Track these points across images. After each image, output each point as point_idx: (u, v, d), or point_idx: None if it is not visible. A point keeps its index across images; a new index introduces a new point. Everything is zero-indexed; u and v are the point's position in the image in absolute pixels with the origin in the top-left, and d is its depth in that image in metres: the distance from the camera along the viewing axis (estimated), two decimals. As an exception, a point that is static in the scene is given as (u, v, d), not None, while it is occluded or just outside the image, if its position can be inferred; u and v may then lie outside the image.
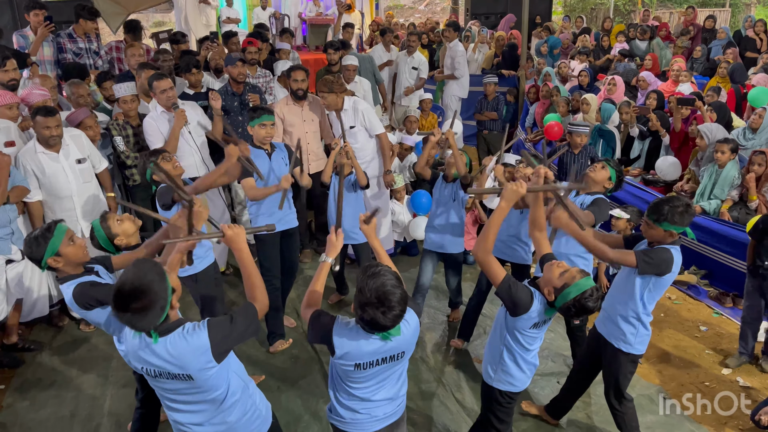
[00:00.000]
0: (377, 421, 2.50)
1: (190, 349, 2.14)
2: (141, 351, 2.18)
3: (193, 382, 2.21)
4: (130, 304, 2.03)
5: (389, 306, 2.15)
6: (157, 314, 2.09)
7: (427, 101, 7.73)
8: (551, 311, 2.66)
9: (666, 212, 2.88)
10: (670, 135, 6.44)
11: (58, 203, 4.40)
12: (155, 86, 4.71)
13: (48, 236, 2.69)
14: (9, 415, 3.81)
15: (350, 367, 2.34)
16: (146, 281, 2.05)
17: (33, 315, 4.60)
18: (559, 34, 11.48)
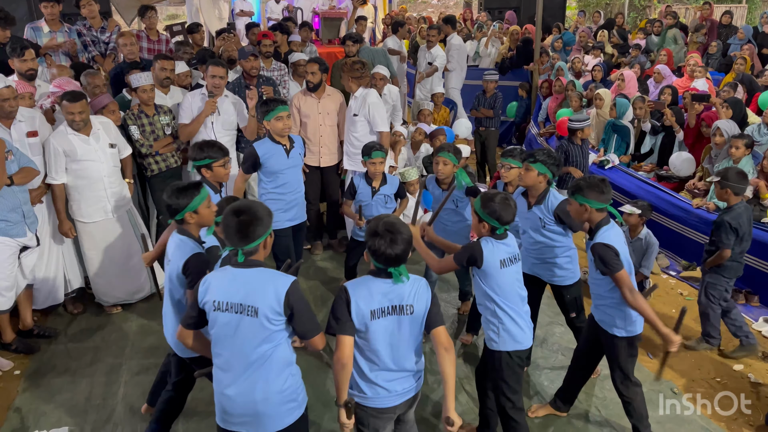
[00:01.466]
0: (397, 395, 2.60)
1: (270, 287, 2.37)
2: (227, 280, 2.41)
3: (256, 320, 2.36)
4: (241, 214, 2.37)
5: (394, 239, 2.40)
6: (258, 232, 2.39)
7: (438, 95, 7.72)
8: (500, 229, 2.93)
9: (578, 185, 3.08)
10: (684, 131, 6.40)
11: (89, 187, 4.46)
12: (210, 70, 4.92)
13: (195, 192, 2.87)
14: (24, 400, 3.87)
15: (366, 318, 2.45)
16: (258, 206, 2.43)
17: (48, 302, 4.68)
18: (574, 30, 11.41)
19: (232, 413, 2.51)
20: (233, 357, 2.45)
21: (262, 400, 2.46)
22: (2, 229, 3.98)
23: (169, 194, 2.87)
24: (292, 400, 2.54)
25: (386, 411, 2.61)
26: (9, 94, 4.06)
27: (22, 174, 4.02)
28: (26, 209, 4.12)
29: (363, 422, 2.65)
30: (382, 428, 2.66)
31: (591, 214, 3.10)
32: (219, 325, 2.44)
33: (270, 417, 2.51)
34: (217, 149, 3.61)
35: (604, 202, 3.09)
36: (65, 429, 3.61)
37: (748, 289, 5.11)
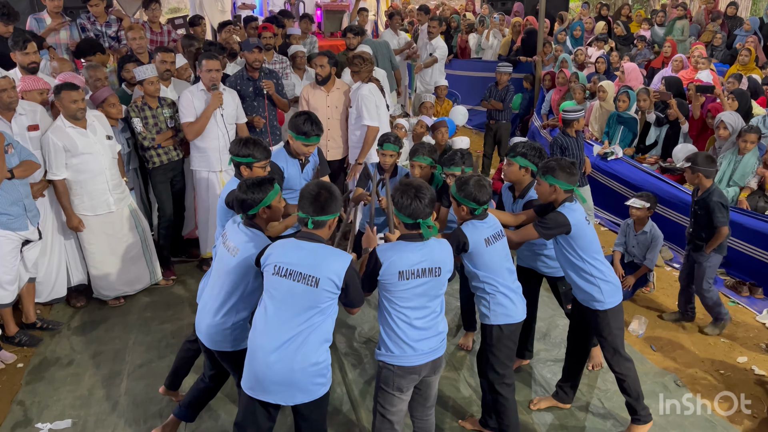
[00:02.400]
0: (423, 354, 2.73)
1: (334, 262, 2.55)
2: (291, 248, 2.58)
3: (315, 290, 2.52)
4: (323, 189, 2.60)
5: (422, 196, 2.64)
6: (331, 208, 2.60)
7: (442, 87, 7.68)
8: (478, 210, 3.02)
9: (550, 166, 3.16)
10: (689, 122, 6.36)
11: (90, 180, 4.46)
12: (204, 64, 4.83)
13: (270, 187, 2.90)
14: (28, 393, 3.88)
15: (394, 278, 2.64)
16: (336, 189, 2.64)
17: (51, 296, 4.69)
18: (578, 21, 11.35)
19: (264, 380, 2.58)
20: (283, 322, 2.56)
21: (299, 369, 2.55)
22: (3, 222, 3.97)
23: (245, 189, 2.86)
24: (323, 375, 2.64)
25: (412, 370, 2.73)
26: (6, 85, 4.05)
27: (23, 167, 4.01)
28: (28, 203, 4.11)
29: (387, 382, 2.75)
30: (405, 388, 2.78)
31: (558, 194, 3.19)
32: (275, 288, 2.56)
33: (301, 388, 2.59)
34: (262, 149, 3.46)
35: (572, 184, 3.18)
36: (68, 421, 3.62)
37: (752, 281, 5.09)
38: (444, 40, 10.50)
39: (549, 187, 3.18)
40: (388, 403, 2.81)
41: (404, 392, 2.79)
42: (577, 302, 3.45)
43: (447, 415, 3.68)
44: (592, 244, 3.24)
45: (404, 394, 2.80)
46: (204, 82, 4.89)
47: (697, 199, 4.36)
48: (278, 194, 2.97)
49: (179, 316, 4.73)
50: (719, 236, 4.27)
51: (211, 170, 5.02)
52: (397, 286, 2.66)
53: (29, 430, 3.56)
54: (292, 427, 3.02)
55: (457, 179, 3.09)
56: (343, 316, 4.57)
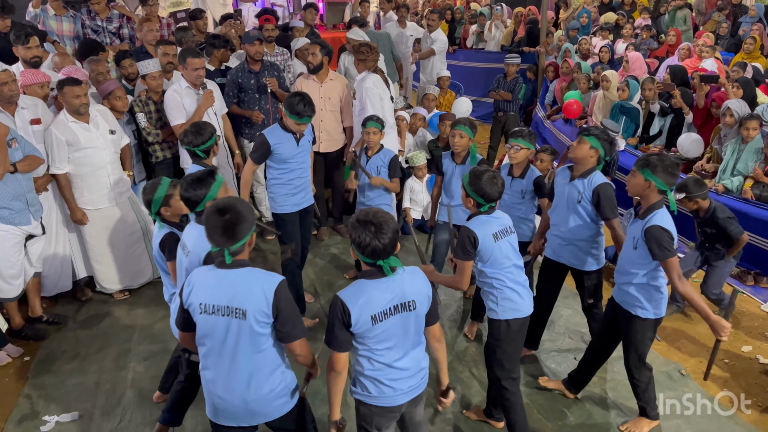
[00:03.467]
0: (402, 394, 2.52)
1: (258, 288, 2.31)
2: (213, 282, 2.33)
3: (244, 322, 2.31)
4: (225, 214, 2.28)
5: (380, 228, 2.26)
6: (243, 231, 2.30)
7: (444, 79, 7.67)
8: (485, 206, 2.98)
9: (651, 160, 3.00)
10: (693, 112, 6.33)
11: (92, 174, 4.47)
12: (189, 62, 4.79)
13: (212, 180, 2.79)
14: (35, 386, 3.90)
15: (368, 324, 2.34)
16: (240, 204, 2.33)
17: (56, 290, 4.71)
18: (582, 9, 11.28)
19: (223, 410, 2.48)
20: (222, 360, 2.39)
21: (254, 400, 2.44)
22: (6, 217, 3.98)
23: (186, 187, 2.78)
24: (283, 395, 2.52)
25: (392, 410, 2.56)
26: (7, 78, 4.05)
27: (26, 162, 4.01)
28: (30, 197, 4.12)
29: (366, 420, 2.59)
30: (385, 427, 2.60)
31: (651, 192, 3.03)
32: (206, 327, 2.36)
33: (262, 414, 2.50)
34: (207, 131, 3.64)
35: (669, 186, 3.01)
36: (75, 414, 3.64)
37: (756, 270, 5.07)
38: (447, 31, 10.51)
39: (644, 181, 3.01)
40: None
41: (384, 430, 2.61)
42: (614, 304, 3.37)
43: (452, 405, 3.69)
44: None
45: (386, 430, 2.62)
46: (191, 81, 4.84)
47: (702, 221, 4.36)
48: (222, 185, 2.85)
49: (184, 309, 4.74)
50: (740, 244, 4.33)
51: None
52: (372, 331, 2.37)
53: (36, 422, 3.58)
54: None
55: (471, 170, 3.01)
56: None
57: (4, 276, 4.14)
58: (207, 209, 2.37)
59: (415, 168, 5.93)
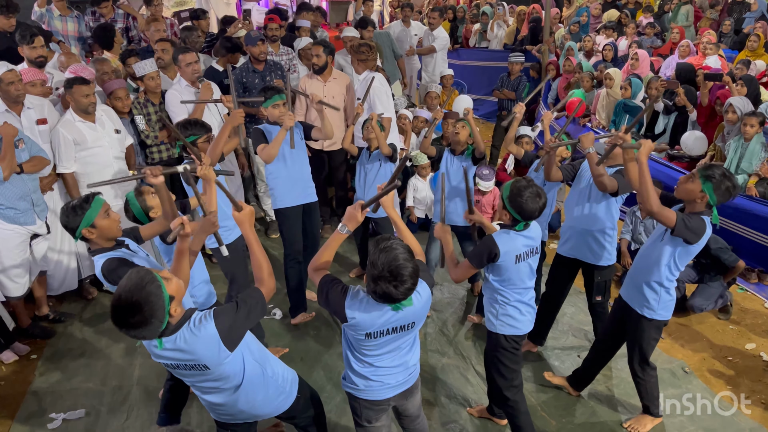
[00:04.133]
0: (390, 388, 2.56)
1: (201, 342, 2.19)
2: (153, 349, 2.25)
3: (209, 371, 2.27)
4: (128, 318, 2.04)
5: (401, 280, 2.19)
6: (155, 327, 2.10)
7: (447, 77, 7.67)
8: (519, 225, 2.88)
9: (716, 175, 2.91)
10: (697, 109, 6.32)
11: (98, 173, 4.47)
12: (180, 59, 4.80)
13: (85, 207, 2.71)
14: (42, 383, 3.94)
15: (361, 336, 2.39)
16: (143, 295, 2.04)
17: (63, 288, 4.74)
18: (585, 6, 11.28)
19: (222, 413, 2.55)
20: (206, 390, 2.43)
21: (249, 409, 2.50)
22: (11, 216, 4.01)
23: (62, 215, 2.73)
24: (279, 394, 2.56)
25: (380, 403, 2.58)
26: (13, 77, 4.07)
27: (32, 162, 4.04)
28: (35, 197, 4.15)
29: (356, 412, 2.64)
30: (374, 419, 2.63)
31: (701, 203, 2.97)
32: (180, 374, 2.36)
33: (261, 415, 2.57)
34: (199, 127, 3.66)
35: (719, 203, 2.98)
36: (82, 411, 3.67)
37: (761, 268, 5.07)
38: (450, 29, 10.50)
39: (700, 191, 2.94)
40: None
41: (374, 422, 2.64)
42: (622, 301, 3.37)
43: (455, 403, 3.71)
44: (690, 258, 3.11)
45: (377, 422, 2.65)
46: (187, 78, 4.86)
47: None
48: (101, 209, 2.71)
49: (189, 307, 4.77)
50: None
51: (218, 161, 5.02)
52: (363, 343, 2.42)
53: (43, 420, 3.61)
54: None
55: (514, 184, 2.85)
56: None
57: (10, 275, 4.17)
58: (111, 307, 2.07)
59: (419, 167, 5.94)
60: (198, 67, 4.85)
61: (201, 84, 4.84)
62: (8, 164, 3.82)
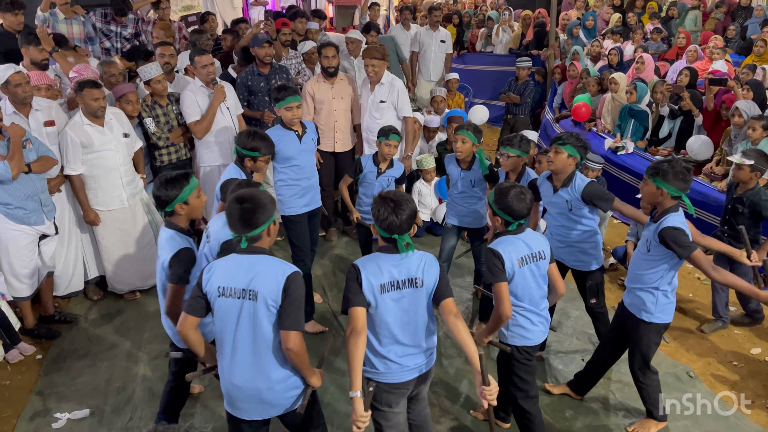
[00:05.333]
0: (409, 371, 2.62)
1: (272, 272, 2.40)
2: (232, 266, 2.44)
3: (256, 305, 2.39)
4: (244, 202, 2.40)
5: (401, 208, 2.47)
6: (261, 220, 2.42)
7: (453, 81, 7.69)
8: (513, 225, 2.89)
9: (661, 168, 2.98)
10: (703, 114, 6.31)
11: (105, 176, 4.52)
12: (196, 61, 4.87)
13: (184, 183, 2.82)
14: (46, 383, 3.95)
15: (377, 290, 2.50)
16: (261, 194, 2.44)
17: (69, 290, 4.76)
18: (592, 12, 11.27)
19: (237, 399, 2.55)
20: (237, 344, 2.46)
21: (266, 389, 2.49)
22: (19, 216, 4.04)
23: (158, 186, 2.81)
24: (295, 387, 2.57)
25: (399, 386, 2.63)
26: (21, 80, 4.11)
27: (40, 162, 4.07)
28: (44, 197, 4.18)
29: (376, 398, 2.67)
30: (395, 404, 2.68)
31: (665, 200, 3.02)
32: (223, 311, 2.45)
33: (275, 405, 2.55)
34: (267, 144, 3.57)
35: (683, 191, 3.01)
36: (86, 411, 3.68)
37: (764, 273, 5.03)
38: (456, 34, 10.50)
39: (656, 189, 3.01)
40: (383, 419, 2.72)
41: (394, 407, 2.69)
42: (622, 308, 3.38)
43: (459, 405, 3.71)
44: (681, 262, 3.11)
45: (396, 407, 2.70)
46: (202, 79, 4.92)
47: (739, 196, 4.18)
48: (195, 189, 2.87)
49: (194, 308, 4.78)
50: None
51: (222, 164, 5.06)
52: (381, 300, 2.51)
53: (48, 419, 3.63)
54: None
55: (497, 187, 2.93)
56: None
57: (19, 275, 4.20)
58: (229, 198, 2.46)
59: (424, 171, 5.95)
60: (213, 69, 4.93)
61: (215, 86, 4.89)
62: (16, 163, 3.86)
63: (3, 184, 3.95)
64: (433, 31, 8.22)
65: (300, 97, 4.12)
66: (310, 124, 4.34)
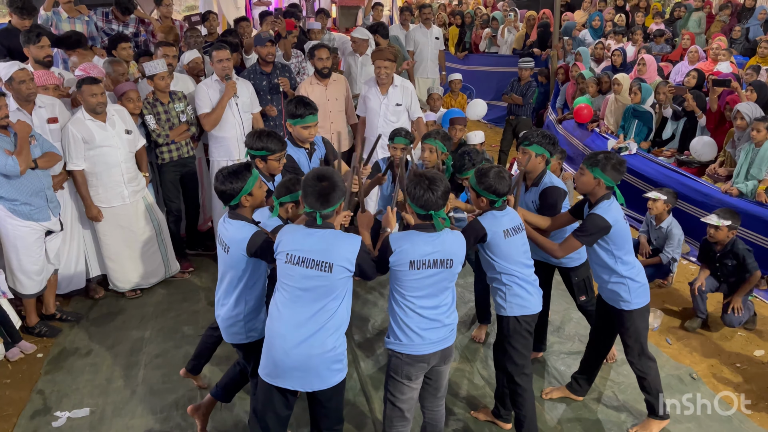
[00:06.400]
0: (431, 344, 2.73)
1: (342, 244, 2.57)
2: (301, 236, 2.58)
3: (330, 275, 2.54)
4: (323, 181, 2.54)
5: (436, 185, 2.61)
6: (335, 198, 2.56)
7: (456, 82, 7.67)
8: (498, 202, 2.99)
9: (600, 159, 3.09)
10: (707, 115, 6.29)
11: (107, 172, 4.53)
12: (214, 55, 4.94)
13: (247, 175, 2.84)
14: (47, 382, 3.95)
15: (405, 267, 2.63)
16: (336, 175, 2.58)
17: (70, 288, 4.77)
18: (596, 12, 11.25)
19: (283, 366, 2.60)
20: (299, 309, 2.58)
21: (317, 355, 2.58)
22: (26, 213, 4.06)
23: (222, 180, 2.79)
24: (339, 360, 2.65)
25: (420, 359, 2.73)
26: (24, 76, 4.12)
27: (45, 158, 4.10)
28: (49, 194, 4.21)
29: (396, 370, 2.76)
30: (414, 376, 2.78)
31: (599, 189, 3.13)
32: (288, 276, 2.58)
33: (318, 374, 2.61)
34: (276, 141, 3.43)
35: (617, 182, 3.13)
36: (86, 410, 3.68)
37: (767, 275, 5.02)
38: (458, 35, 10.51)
39: (593, 179, 3.11)
40: (398, 391, 2.81)
41: (413, 381, 2.79)
42: (602, 300, 3.41)
43: (460, 406, 3.69)
44: (627, 243, 3.18)
45: (414, 382, 2.80)
46: (217, 73, 4.98)
47: (723, 252, 4.48)
48: (257, 180, 2.92)
49: (195, 308, 4.78)
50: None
51: (230, 159, 5.06)
52: (408, 275, 2.64)
53: (48, 418, 3.62)
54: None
55: (477, 170, 3.05)
56: (357, 308, 4.60)
57: (28, 272, 4.22)
58: (308, 175, 2.59)
59: None
60: (228, 63, 4.97)
61: (227, 81, 4.92)
62: (24, 159, 3.90)
63: (10, 180, 3.98)
64: (427, 28, 8.20)
65: (317, 118, 3.97)
66: (318, 140, 4.24)
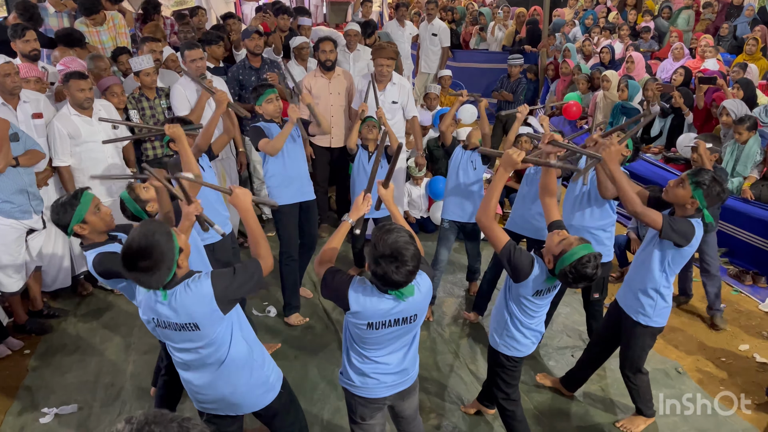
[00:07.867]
0: (386, 387, 2.53)
1: (196, 298, 2.21)
2: (152, 303, 2.25)
3: (199, 332, 2.27)
4: (138, 262, 2.10)
5: (402, 261, 2.16)
6: (164, 273, 2.15)
7: (446, 78, 7.67)
8: (552, 279, 2.67)
9: (706, 181, 2.88)
10: (693, 112, 6.34)
11: (93, 168, 4.49)
12: (186, 55, 4.83)
13: (75, 203, 2.71)
14: (35, 378, 3.93)
15: (363, 326, 2.36)
16: (153, 240, 2.11)
17: (57, 285, 4.72)
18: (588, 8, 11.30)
19: (204, 401, 2.53)
20: (190, 362, 2.41)
21: (230, 394, 2.46)
22: (7, 211, 4.01)
23: (51, 214, 2.75)
24: (261, 385, 2.53)
25: (375, 401, 2.56)
26: (9, 69, 4.07)
27: (27, 156, 4.04)
28: (32, 191, 4.15)
29: (351, 409, 2.64)
30: (369, 417, 2.61)
31: (691, 208, 2.96)
32: (167, 337, 2.34)
33: (242, 405, 2.53)
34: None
35: (710, 207, 2.98)
36: (74, 406, 3.66)
37: (755, 270, 5.08)
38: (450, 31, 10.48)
39: (690, 198, 2.92)
40: (357, 429, 2.66)
41: (368, 420, 2.62)
42: (618, 306, 3.34)
43: (448, 401, 3.71)
44: (682, 266, 3.09)
45: (371, 420, 2.63)
46: (191, 73, 4.88)
47: None
48: (90, 204, 2.73)
49: (184, 304, 4.77)
50: None
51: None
52: (366, 333, 2.38)
53: (35, 414, 3.61)
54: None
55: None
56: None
57: (7, 270, 4.17)
58: (123, 254, 2.13)
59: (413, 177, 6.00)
60: (202, 63, 4.89)
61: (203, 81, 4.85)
62: (4, 156, 3.84)
63: None
64: (428, 23, 8.20)
65: (276, 90, 4.11)
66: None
